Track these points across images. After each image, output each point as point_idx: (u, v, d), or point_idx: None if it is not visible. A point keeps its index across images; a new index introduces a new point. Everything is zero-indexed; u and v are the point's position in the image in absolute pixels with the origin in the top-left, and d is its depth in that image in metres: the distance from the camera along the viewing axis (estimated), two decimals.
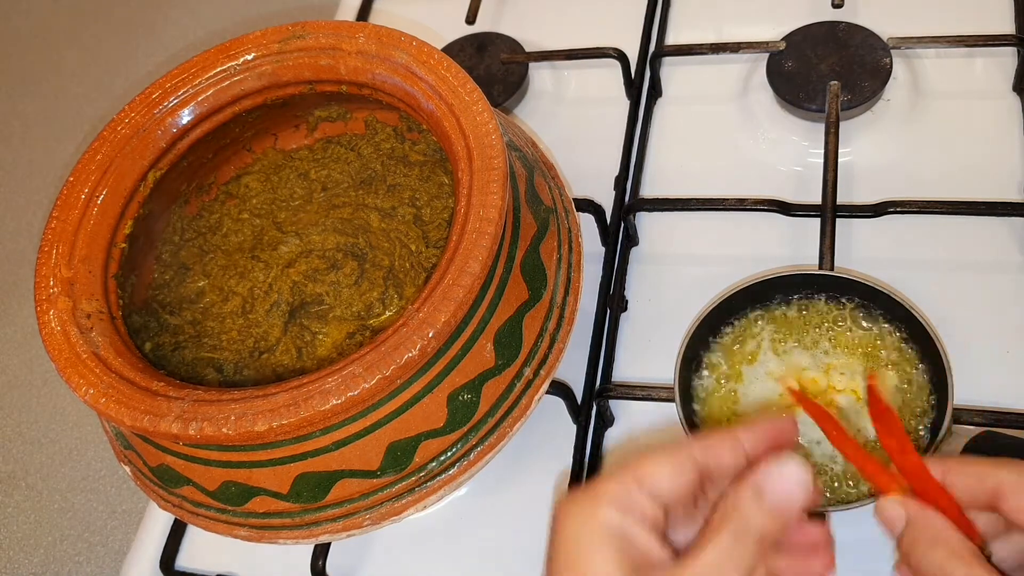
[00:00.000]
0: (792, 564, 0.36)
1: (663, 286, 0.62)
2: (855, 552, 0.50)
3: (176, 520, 0.61)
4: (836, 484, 0.49)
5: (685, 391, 0.53)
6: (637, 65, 0.72)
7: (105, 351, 0.46)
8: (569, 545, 0.33)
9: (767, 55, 0.68)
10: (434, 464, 0.46)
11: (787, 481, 0.34)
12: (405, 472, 0.46)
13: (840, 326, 0.54)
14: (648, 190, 0.67)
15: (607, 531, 0.33)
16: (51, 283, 0.49)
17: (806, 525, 0.36)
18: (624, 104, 0.71)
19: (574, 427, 0.57)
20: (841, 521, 0.51)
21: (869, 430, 0.50)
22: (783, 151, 0.66)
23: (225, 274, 0.57)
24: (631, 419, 0.58)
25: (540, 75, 0.75)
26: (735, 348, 0.55)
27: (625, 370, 0.59)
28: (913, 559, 0.35)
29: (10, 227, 1.81)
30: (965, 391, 0.52)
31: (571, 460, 0.55)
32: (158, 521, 0.62)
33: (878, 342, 0.53)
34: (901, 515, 0.36)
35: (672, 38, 0.75)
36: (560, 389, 0.55)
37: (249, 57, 0.56)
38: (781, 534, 0.34)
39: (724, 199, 0.62)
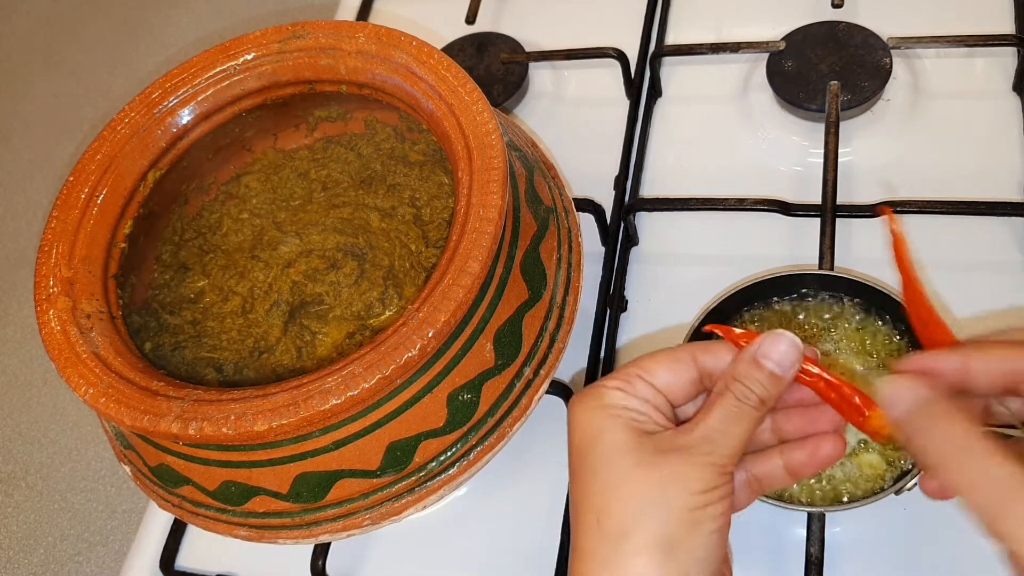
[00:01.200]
0: (800, 426, 0.38)
1: (663, 286, 0.62)
2: (855, 552, 0.50)
3: (176, 520, 0.61)
4: (835, 485, 0.49)
5: None
6: (637, 65, 0.72)
7: (105, 351, 0.46)
8: (584, 431, 0.36)
9: (767, 55, 0.68)
10: (434, 464, 0.46)
11: (782, 347, 0.36)
12: (405, 472, 0.46)
13: (840, 326, 0.54)
14: (648, 190, 0.67)
15: (614, 409, 0.36)
16: (51, 283, 0.49)
17: (805, 391, 0.38)
18: (624, 104, 0.71)
19: None
20: (841, 521, 0.51)
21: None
22: (783, 151, 0.66)
23: (225, 274, 0.57)
24: None
25: (540, 75, 0.75)
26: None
27: None
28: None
29: (10, 227, 1.81)
30: None
31: None
32: (158, 521, 0.62)
33: (878, 342, 0.53)
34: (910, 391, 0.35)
35: (672, 38, 0.75)
36: (560, 389, 0.55)
37: (249, 57, 0.56)
38: (778, 398, 0.36)
39: (724, 199, 0.62)
